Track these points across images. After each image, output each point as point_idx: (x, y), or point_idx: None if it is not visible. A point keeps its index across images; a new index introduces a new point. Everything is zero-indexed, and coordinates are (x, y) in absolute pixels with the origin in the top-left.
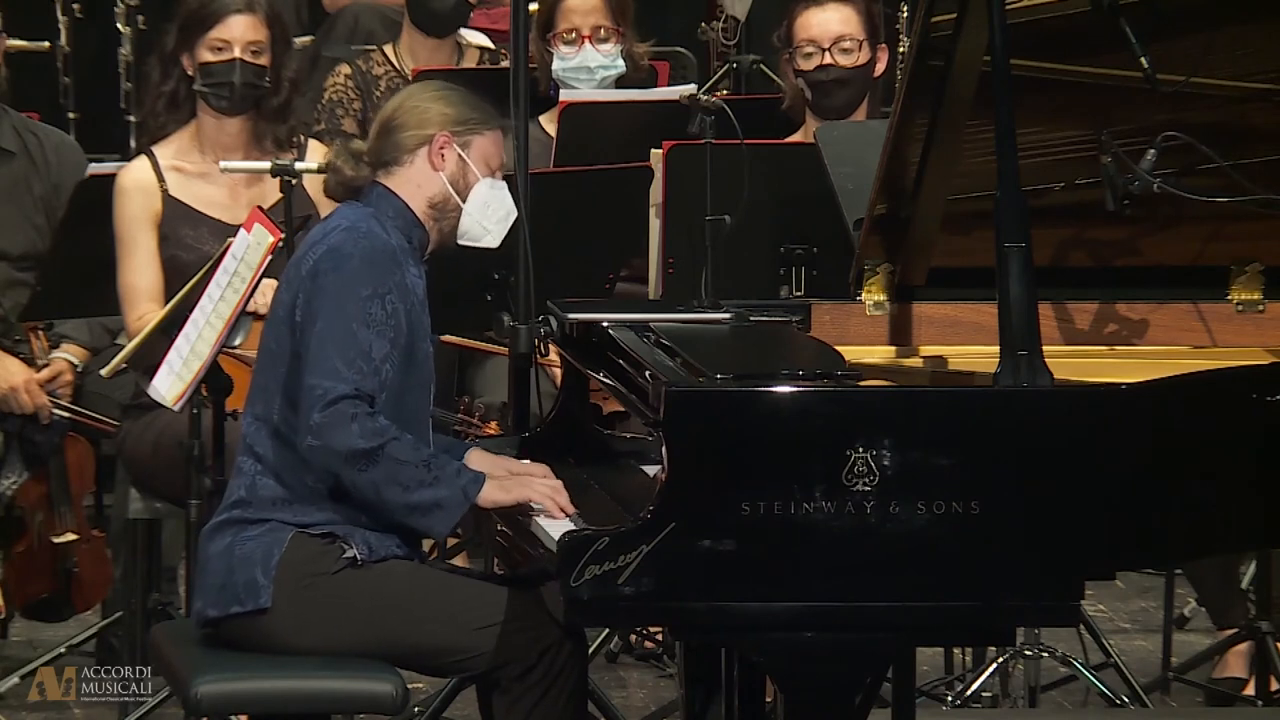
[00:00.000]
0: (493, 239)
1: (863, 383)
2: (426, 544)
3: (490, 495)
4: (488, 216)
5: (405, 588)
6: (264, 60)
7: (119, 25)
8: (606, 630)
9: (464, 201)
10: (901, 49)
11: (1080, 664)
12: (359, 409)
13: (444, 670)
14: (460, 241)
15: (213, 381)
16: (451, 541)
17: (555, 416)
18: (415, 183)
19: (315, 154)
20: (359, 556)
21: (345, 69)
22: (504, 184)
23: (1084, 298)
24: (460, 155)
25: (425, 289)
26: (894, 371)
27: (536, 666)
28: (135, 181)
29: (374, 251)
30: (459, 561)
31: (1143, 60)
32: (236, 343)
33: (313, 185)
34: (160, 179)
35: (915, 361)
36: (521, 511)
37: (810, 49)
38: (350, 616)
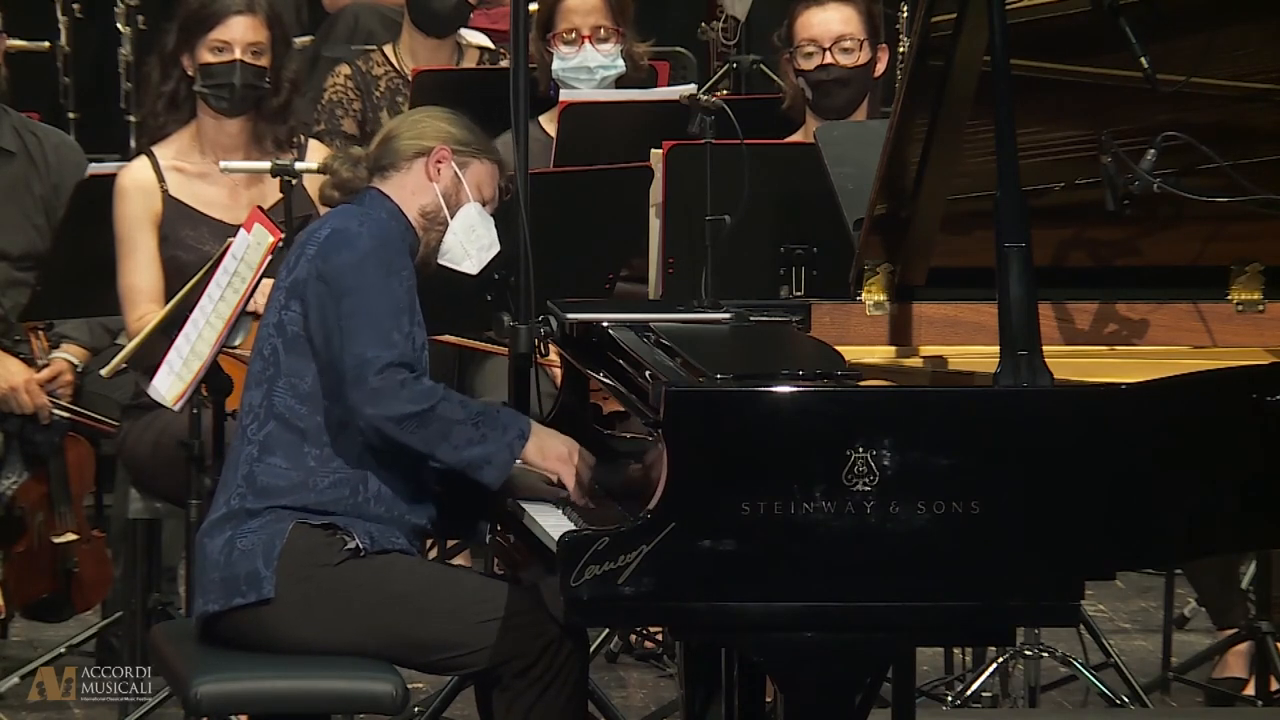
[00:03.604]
0: (472, 265)
1: (863, 383)
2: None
3: (529, 454)
4: (471, 241)
5: (408, 581)
6: (264, 61)
7: (119, 25)
8: (606, 630)
9: (452, 219)
10: (901, 49)
11: (1080, 664)
12: (406, 375)
13: (445, 667)
14: (440, 260)
15: (213, 381)
16: (452, 542)
17: (555, 416)
18: (409, 189)
19: (315, 154)
20: (361, 547)
21: (345, 69)
22: (491, 218)
23: (1084, 298)
24: (456, 173)
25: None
26: (894, 371)
27: (537, 663)
28: (135, 182)
29: (382, 232)
30: (459, 561)
31: (1143, 60)
32: (236, 343)
33: (313, 185)
34: (160, 179)
35: (915, 361)
36: (527, 492)
37: (811, 49)
38: (353, 609)
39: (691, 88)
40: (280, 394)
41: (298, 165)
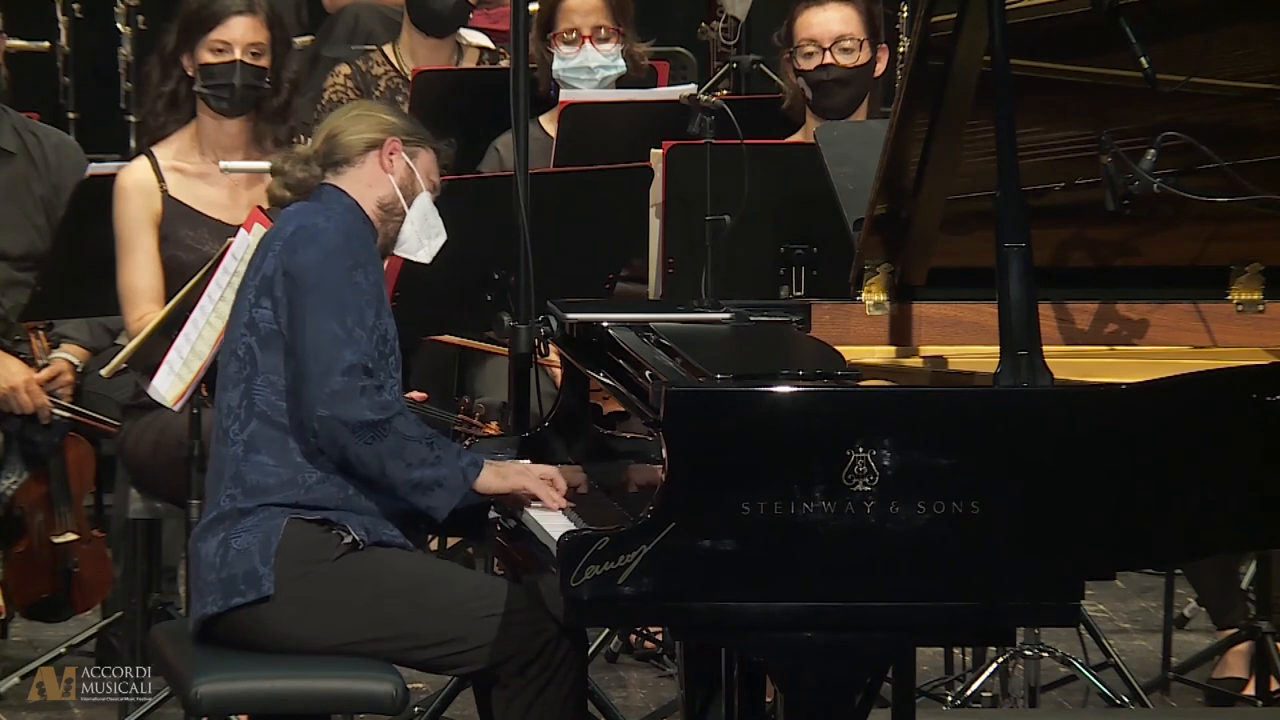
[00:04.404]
0: (426, 254)
1: (863, 383)
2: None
3: (486, 481)
4: (426, 230)
5: (407, 576)
6: (264, 62)
7: (119, 25)
8: (606, 630)
9: (409, 208)
10: (901, 49)
11: (1080, 664)
12: (367, 382)
13: (445, 665)
14: (397, 251)
15: (213, 381)
16: (453, 541)
17: (555, 416)
18: (365, 182)
19: None
20: (359, 540)
21: (345, 69)
22: (436, 207)
23: (1084, 298)
24: (408, 163)
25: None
26: (894, 371)
27: (536, 661)
28: (135, 182)
29: (348, 226)
30: (465, 557)
31: (1143, 60)
32: None
33: None
34: (160, 179)
35: (915, 361)
36: (515, 502)
37: (811, 49)
38: (352, 604)
39: (691, 88)
40: (260, 392)
41: None
